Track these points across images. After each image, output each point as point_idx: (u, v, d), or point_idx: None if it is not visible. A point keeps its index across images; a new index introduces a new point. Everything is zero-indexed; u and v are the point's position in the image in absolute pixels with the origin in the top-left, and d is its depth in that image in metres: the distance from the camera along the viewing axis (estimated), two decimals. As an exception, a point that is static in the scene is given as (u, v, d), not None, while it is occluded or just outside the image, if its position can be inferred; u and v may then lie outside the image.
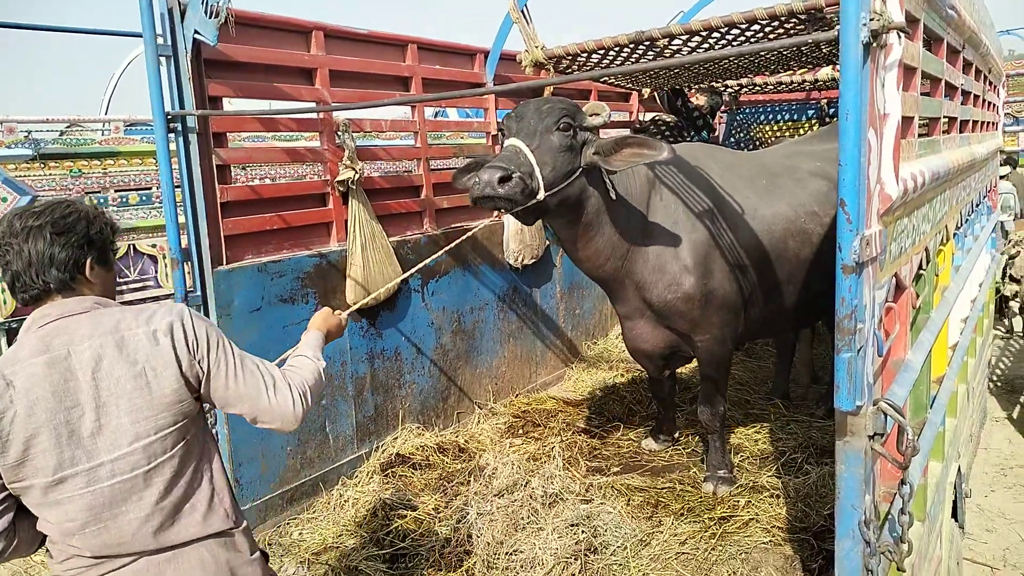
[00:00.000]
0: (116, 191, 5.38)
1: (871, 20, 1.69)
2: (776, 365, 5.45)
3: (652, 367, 4.07)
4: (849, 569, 2.14)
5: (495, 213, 4.95)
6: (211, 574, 1.88)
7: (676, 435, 4.58)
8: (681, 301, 3.63)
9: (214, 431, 3.67)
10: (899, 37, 1.92)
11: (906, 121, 2.31)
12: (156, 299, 5.30)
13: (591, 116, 3.31)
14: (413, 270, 3.78)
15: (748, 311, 3.87)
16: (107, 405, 1.74)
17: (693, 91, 6.61)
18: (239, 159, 3.93)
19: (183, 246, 3.49)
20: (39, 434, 1.70)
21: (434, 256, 3.62)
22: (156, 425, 1.78)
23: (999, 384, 6.81)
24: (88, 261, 1.83)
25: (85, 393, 1.73)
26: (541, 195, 3.09)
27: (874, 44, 1.74)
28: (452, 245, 3.78)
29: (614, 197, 3.42)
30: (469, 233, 3.68)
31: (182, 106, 3.42)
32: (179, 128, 3.46)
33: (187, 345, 1.82)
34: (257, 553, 2.02)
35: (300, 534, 3.78)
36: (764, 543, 3.51)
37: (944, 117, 3.28)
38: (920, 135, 2.58)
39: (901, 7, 1.83)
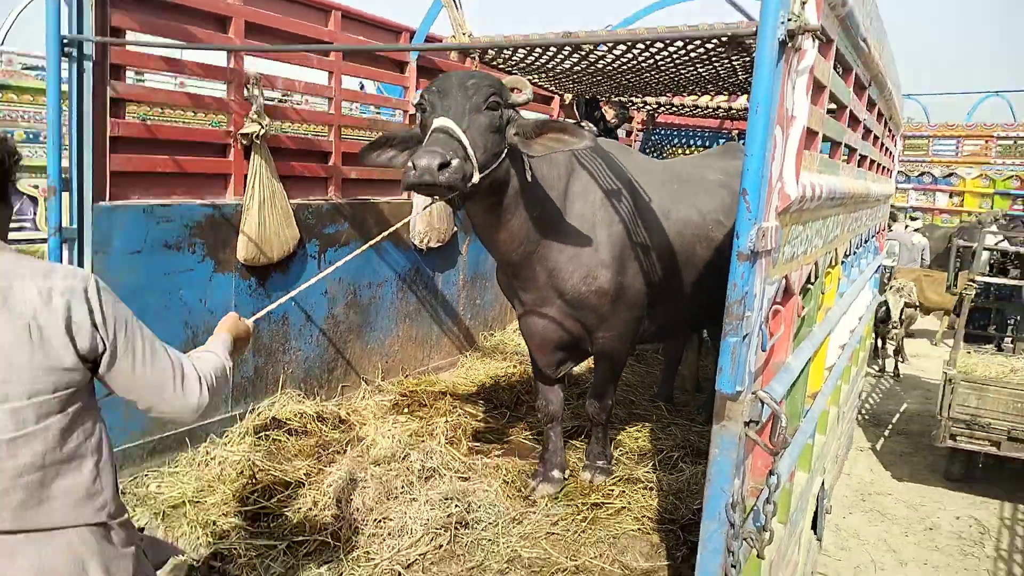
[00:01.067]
0: (2, 127, 5.07)
1: (788, 20, 1.77)
2: (663, 371, 5.61)
3: (548, 361, 3.86)
4: (712, 549, 2.18)
5: (424, 198, 4.64)
6: (75, 564, 1.65)
7: (568, 472, 4.07)
8: (595, 295, 3.55)
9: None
10: (813, 42, 2.00)
11: (810, 134, 2.40)
12: (30, 242, 5.00)
13: (514, 92, 3.18)
14: (328, 271, 3.43)
15: (653, 311, 3.87)
16: None
17: (605, 101, 6.77)
18: (136, 95, 3.76)
19: (63, 176, 3.30)
20: None
21: (364, 247, 3.33)
22: (31, 389, 1.57)
23: (867, 417, 7.22)
24: None
25: None
26: (476, 178, 2.91)
27: (789, 44, 1.81)
28: (387, 233, 3.41)
29: (530, 179, 3.29)
30: (400, 224, 3.44)
31: (81, 32, 3.26)
32: (74, 54, 3.29)
33: (90, 317, 1.62)
34: (132, 548, 1.81)
35: (158, 487, 3.61)
36: (633, 530, 3.58)
37: (845, 145, 3.46)
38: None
39: (818, 12, 1.92)
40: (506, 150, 3.12)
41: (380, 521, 3.43)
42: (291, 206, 4.30)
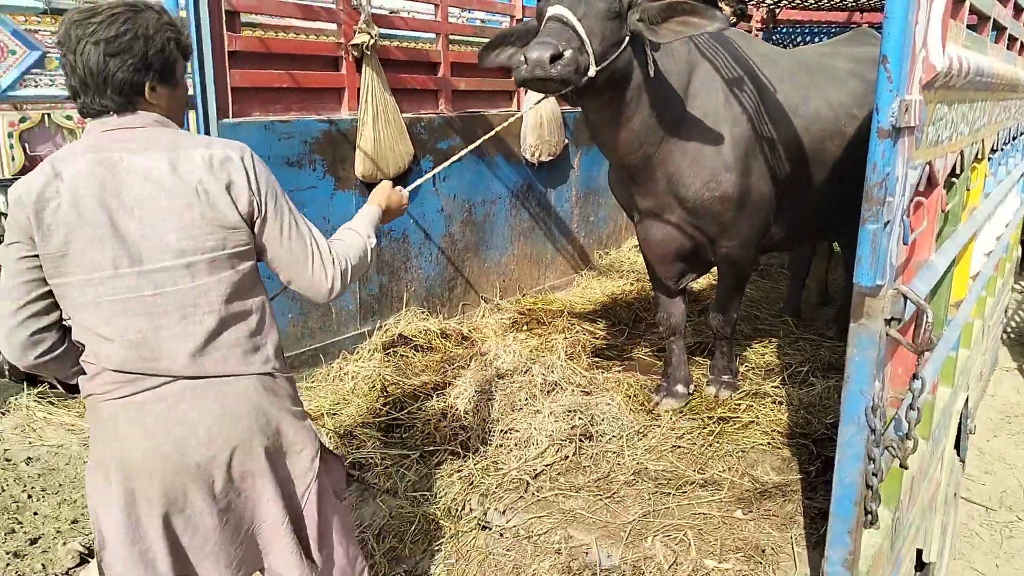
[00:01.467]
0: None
1: None
2: (789, 284, 5.35)
3: (667, 272, 3.68)
4: (851, 455, 2.08)
5: (536, 97, 4.51)
6: (250, 407, 1.78)
7: (692, 387, 3.92)
8: (718, 201, 3.30)
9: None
10: None
11: (956, 1, 2.16)
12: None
13: None
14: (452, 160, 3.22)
15: (781, 215, 3.61)
16: (153, 215, 1.65)
17: None
18: (250, 7, 3.75)
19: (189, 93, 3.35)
20: (82, 228, 1.62)
21: (464, 151, 3.17)
22: (203, 246, 1.68)
23: (1012, 336, 6.72)
24: (147, 83, 1.69)
25: (133, 199, 1.64)
26: (592, 71, 2.73)
27: None
28: (486, 137, 3.27)
29: (652, 73, 3.01)
30: (499, 128, 3.25)
31: (194, -57, 3.25)
32: (189, -33, 3.29)
33: (248, 182, 1.71)
34: (300, 407, 1.93)
35: (296, 399, 3.76)
36: (762, 444, 3.46)
37: (994, 21, 3.10)
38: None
39: None
40: (627, 38, 2.87)
41: (506, 432, 3.45)
42: (404, 120, 4.25)
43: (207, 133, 3.40)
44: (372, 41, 3.94)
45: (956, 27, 2.21)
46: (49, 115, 4.87)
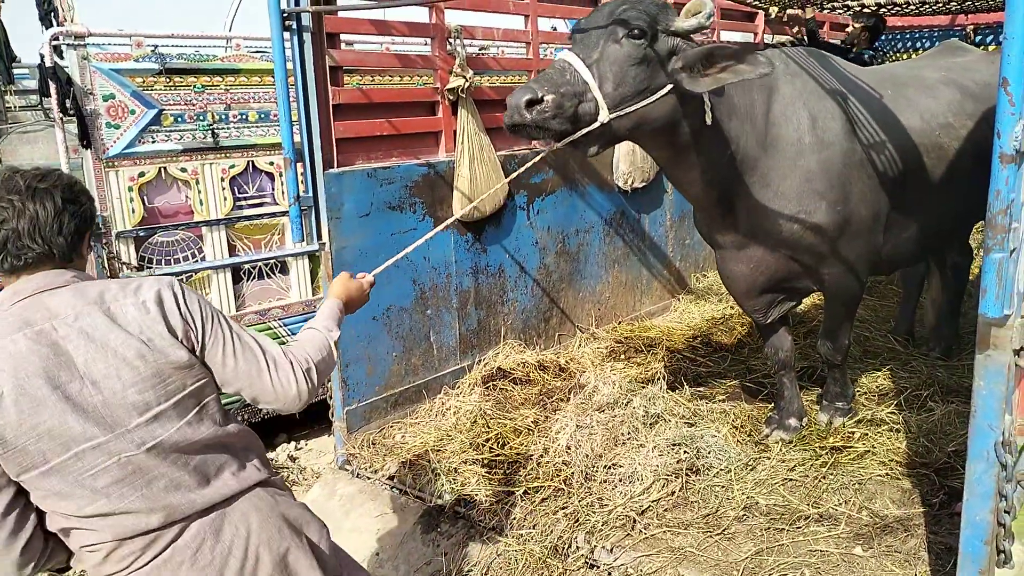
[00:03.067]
0: (236, 108, 5.53)
1: None
2: (900, 302, 5.11)
3: (753, 306, 3.50)
4: (980, 493, 1.99)
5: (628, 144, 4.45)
6: (265, 515, 1.83)
7: (805, 420, 3.75)
8: (811, 231, 3.11)
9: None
10: None
11: None
12: (272, 215, 5.46)
13: (686, 17, 2.65)
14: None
15: (885, 239, 3.43)
16: (108, 378, 1.64)
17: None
18: (351, 62, 3.93)
19: (296, 147, 3.53)
20: (39, 412, 1.58)
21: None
22: (166, 392, 1.70)
23: None
24: (87, 236, 1.76)
25: (81, 367, 1.62)
26: (604, 116, 2.55)
27: None
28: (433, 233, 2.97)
29: (708, 122, 2.81)
30: (447, 223, 3.09)
31: (298, 4, 3.43)
32: (294, 27, 3.47)
33: (180, 315, 1.74)
34: (302, 504, 2.01)
35: (402, 436, 3.86)
36: (880, 475, 3.32)
37: None
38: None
39: None
40: (668, 86, 2.67)
41: (610, 467, 3.43)
42: (498, 158, 4.33)
43: (313, 184, 3.57)
44: (467, 84, 4.04)
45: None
46: (165, 168, 5.20)
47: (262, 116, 5.63)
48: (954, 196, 3.53)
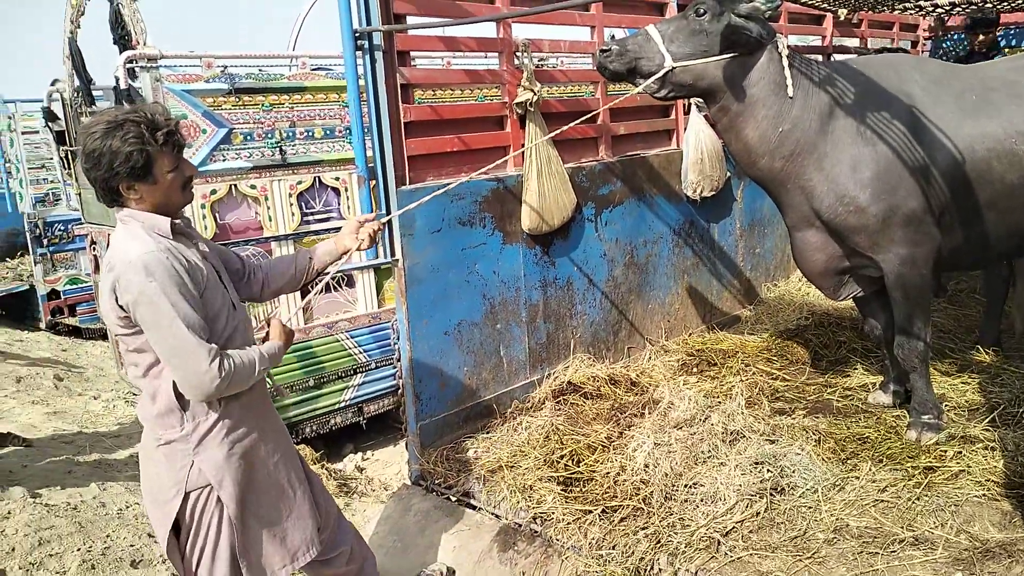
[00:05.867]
0: (302, 126, 5.61)
1: None
2: (985, 310, 4.89)
3: (825, 285, 3.83)
4: None
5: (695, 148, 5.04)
6: (151, 472, 2.35)
7: (908, 387, 3.98)
8: (854, 215, 3.44)
9: (396, 346, 3.78)
10: None
11: None
12: (339, 230, 5.50)
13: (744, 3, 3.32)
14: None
15: (945, 235, 3.56)
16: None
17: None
18: (421, 79, 3.94)
19: (369, 165, 3.54)
20: None
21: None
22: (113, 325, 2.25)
23: None
24: (120, 186, 2.17)
25: None
26: (668, 64, 3.35)
27: None
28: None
29: (791, 95, 3.41)
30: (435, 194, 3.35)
31: (369, 24, 3.45)
32: (366, 46, 3.49)
33: (119, 303, 2.16)
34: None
35: (475, 452, 3.83)
36: (977, 496, 3.16)
37: None
38: None
39: None
40: (728, 54, 3.37)
41: (691, 487, 3.34)
42: (566, 171, 4.29)
43: (387, 201, 3.58)
44: (535, 98, 4.01)
45: None
46: (235, 186, 5.29)
47: (327, 132, 5.69)
48: None
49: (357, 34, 3.46)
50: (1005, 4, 6.13)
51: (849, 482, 3.32)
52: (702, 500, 3.25)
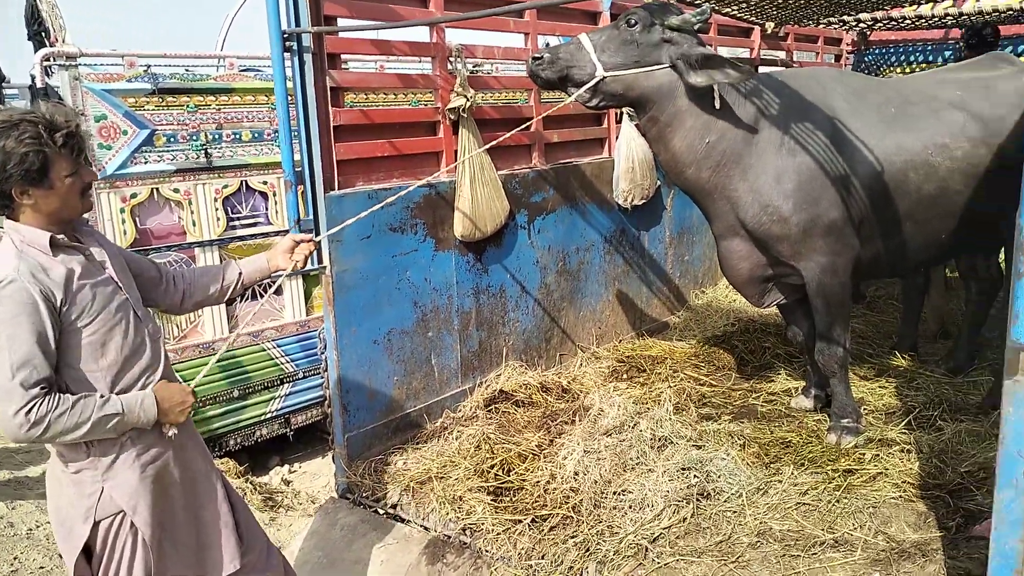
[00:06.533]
0: (229, 128, 5.45)
1: None
2: (902, 316, 5.09)
3: (750, 292, 3.90)
4: (1010, 521, 1.95)
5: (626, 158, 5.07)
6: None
7: (829, 391, 4.07)
8: (777, 225, 3.53)
9: (323, 355, 3.69)
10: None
11: None
12: (266, 235, 5.37)
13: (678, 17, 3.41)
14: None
15: (864, 245, 3.67)
16: None
17: None
18: (352, 82, 3.87)
19: (296, 169, 3.46)
20: None
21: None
22: None
23: None
24: (13, 190, 2.01)
25: None
26: (599, 74, 3.36)
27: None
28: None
29: (718, 106, 3.42)
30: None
31: (298, 25, 3.37)
32: (295, 48, 3.41)
33: None
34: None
35: (404, 463, 3.77)
36: (894, 498, 3.27)
37: None
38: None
39: None
40: (659, 65, 3.40)
41: (620, 494, 3.36)
42: (499, 178, 4.27)
43: (315, 206, 3.50)
44: (468, 103, 3.99)
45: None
46: (157, 189, 5.11)
47: (255, 135, 5.55)
48: (944, 213, 3.72)
49: (285, 35, 3.37)
50: (922, 21, 6.42)
51: (772, 486, 3.39)
52: (630, 507, 3.27)
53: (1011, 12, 5.47)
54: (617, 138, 5.17)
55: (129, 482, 2.19)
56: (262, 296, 5.52)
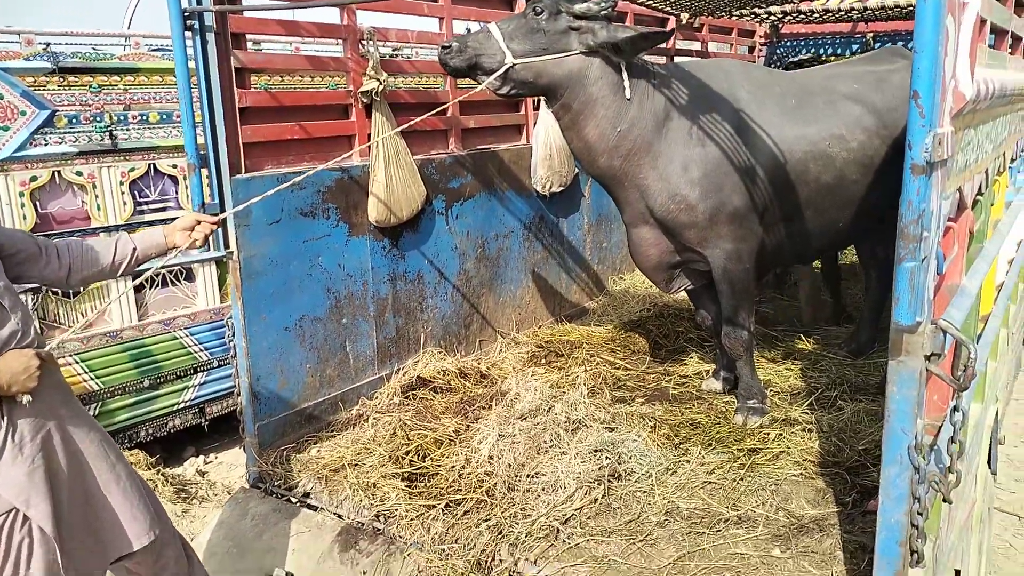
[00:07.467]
0: (136, 109, 5.25)
1: None
2: (804, 301, 5.40)
3: (658, 278, 4.01)
4: (895, 496, 2.05)
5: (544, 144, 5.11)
6: None
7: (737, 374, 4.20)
8: (684, 213, 3.60)
9: (232, 344, 3.61)
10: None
11: (980, 23, 2.16)
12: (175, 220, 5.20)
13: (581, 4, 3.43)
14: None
15: (767, 232, 3.80)
16: None
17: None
18: (258, 63, 3.76)
19: (200, 152, 3.35)
20: None
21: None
22: None
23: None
24: None
25: None
26: (508, 61, 3.37)
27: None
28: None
29: (628, 96, 3.49)
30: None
31: (200, 3, 3.26)
32: (196, 27, 3.29)
33: None
34: None
35: (318, 451, 3.72)
36: (795, 475, 3.40)
37: (1011, 34, 3.09)
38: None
39: None
40: (565, 52, 3.42)
41: (533, 476, 3.40)
42: (415, 162, 4.24)
43: (220, 190, 3.40)
44: (381, 87, 3.93)
45: (980, 49, 2.20)
46: (59, 172, 4.90)
47: (164, 117, 5.37)
48: (842, 202, 3.88)
49: (186, 13, 3.25)
50: (829, 15, 6.64)
51: (681, 466, 3.48)
52: (543, 489, 3.30)
53: (911, 7, 5.71)
54: (535, 125, 5.19)
55: (17, 478, 2.11)
56: (174, 284, 5.38)
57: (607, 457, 3.49)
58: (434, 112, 3.78)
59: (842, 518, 3.08)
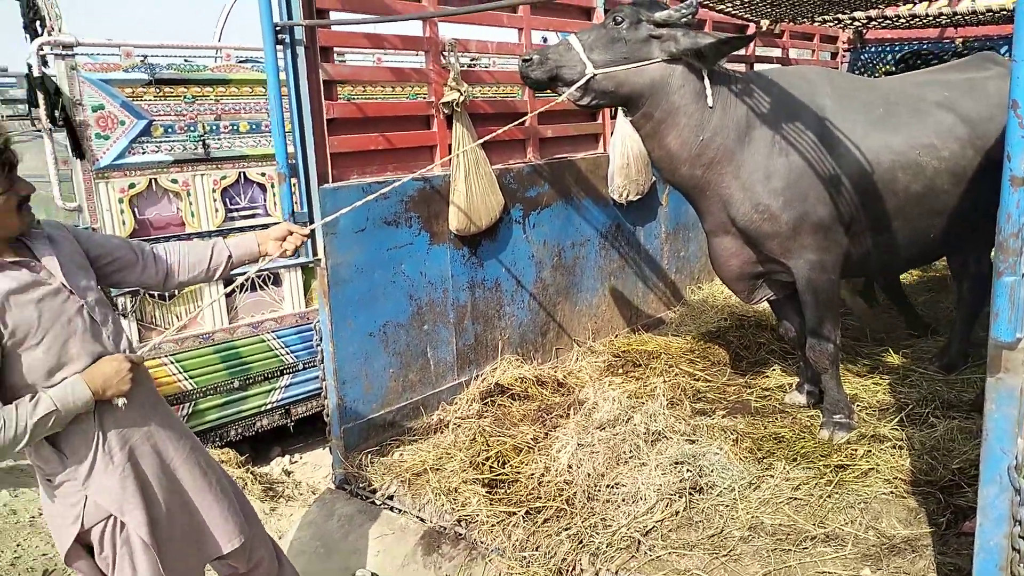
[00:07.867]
0: (227, 119, 5.46)
1: None
2: (898, 311, 5.22)
3: (740, 289, 3.95)
4: (993, 518, 1.97)
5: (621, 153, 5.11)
6: None
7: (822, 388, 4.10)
8: (767, 223, 3.55)
9: (319, 348, 3.72)
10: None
11: None
12: (265, 226, 5.38)
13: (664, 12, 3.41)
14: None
15: (853, 242, 3.70)
16: None
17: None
18: (345, 76, 3.87)
19: (290, 162, 3.47)
20: None
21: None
22: None
23: None
24: None
25: None
26: (589, 72, 3.37)
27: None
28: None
29: (711, 104, 3.45)
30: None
31: (290, 18, 3.37)
32: (287, 41, 3.41)
33: None
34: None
35: (401, 455, 3.79)
36: (885, 494, 3.29)
37: None
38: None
39: None
40: (647, 61, 3.40)
41: (612, 487, 3.38)
42: (493, 172, 4.28)
43: (308, 199, 3.51)
44: (462, 98, 3.99)
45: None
46: (156, 180, 5.12)
47: (253, 127, 5.55)
48: (932, 212, 3.76)
49: (278, 28, 3.37)
50: (917, 20, 6.41)
51: (764, 481, 3.42)
52: (623, 500, 3.29)
53: (1004, 12, 5.48)
54: (612, 134, 5.18)
55: (111, 487, 2.18)
56: (262, 288, 5.56)
57: (688, 470, 3.45)
58: (516, 124, 3.80)
59: (935, 539, 2.97)
